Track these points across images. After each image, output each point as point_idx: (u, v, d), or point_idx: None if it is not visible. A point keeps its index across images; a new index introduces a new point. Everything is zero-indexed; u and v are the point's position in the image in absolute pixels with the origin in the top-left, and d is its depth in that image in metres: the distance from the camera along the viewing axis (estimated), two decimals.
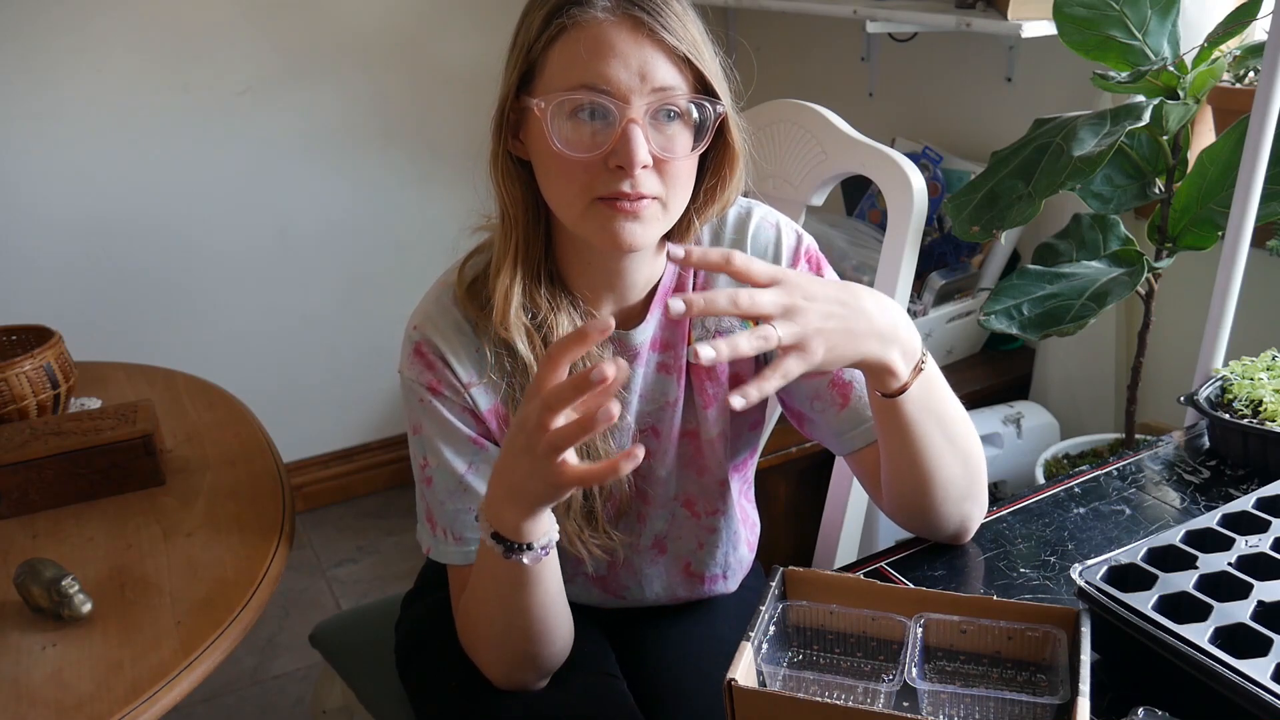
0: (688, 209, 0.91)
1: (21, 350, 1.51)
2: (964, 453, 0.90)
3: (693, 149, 0.85)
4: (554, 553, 0.84)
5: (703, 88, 0.85)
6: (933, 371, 0.85)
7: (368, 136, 2.45)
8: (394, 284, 2.56)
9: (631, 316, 0.97)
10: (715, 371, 0.99)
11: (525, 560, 0.80)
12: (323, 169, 2.43)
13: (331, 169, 2.44)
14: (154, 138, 2.23)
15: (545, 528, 0.81)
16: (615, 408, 0.68)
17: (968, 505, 0.94)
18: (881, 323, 0.79)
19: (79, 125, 2.16)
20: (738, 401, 0.72)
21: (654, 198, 0.84)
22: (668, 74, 0.82)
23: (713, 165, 0.91)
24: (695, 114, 0.84)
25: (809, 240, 1.01)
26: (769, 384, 0.73)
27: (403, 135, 2.49)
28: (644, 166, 0.82)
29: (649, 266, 0.95)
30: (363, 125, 2.44)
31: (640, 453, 0.69)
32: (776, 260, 0.98)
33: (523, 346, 0.89)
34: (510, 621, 0.87)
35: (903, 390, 0.83)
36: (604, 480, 0.72)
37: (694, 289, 0.98)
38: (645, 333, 0.96)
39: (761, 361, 1.01)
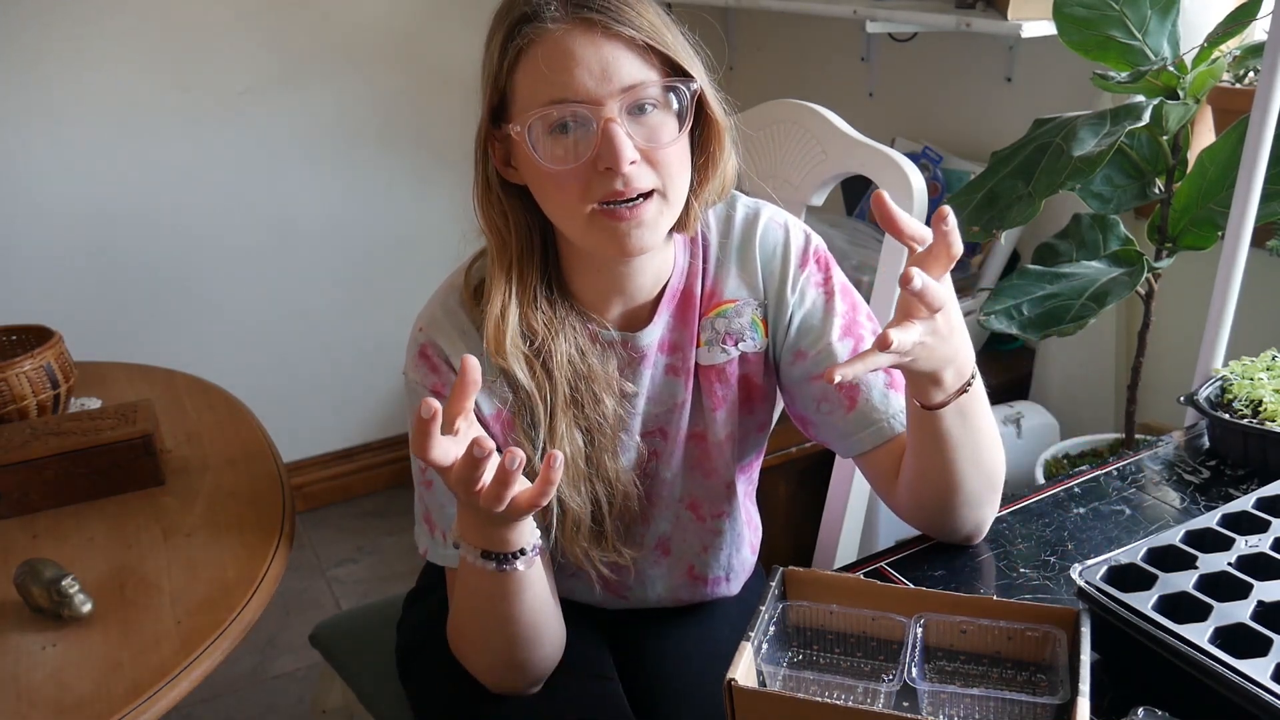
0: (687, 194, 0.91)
1: (21, 350, 1.51)
2: (988, 470, 0.91)
3: (678, 133, 0.85)
4: (539, 559, 0.85)
5: (673, 69, 0.84)
6: (977, 391, 0.85)
7: (367, 136, 2.45)
8: (394, 284, 2.56)
9: (639, 319, 0.96)
10: (725, 373, 0.99)
11: (520, 566, 0.81)
12: (322, 169, 2.43)
13: (331, 169, 2.44)
14: (154, 138, 2.23)
15: (529, 530, 0.82)
16: (519, 455, 0.70)
17: (985, 511, 0.95)
18: (956, 344, 0.79)
19: (79, 125, 2.16)
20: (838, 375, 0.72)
21: (652, 191, 0.84)
22: (633, 67, 0.81)
23: (699, 142, 0.90)
24: (673, 100, 0.84)
25: (817, 240, 1.00)
26: (858, 367, 0.73)
27: (402, 135, 2.49)
28: (632, 162, 0.81)
29: (655, 267, 0.94)
30: (362, 125, 2.44)
31: (557, 465, 0.72)
32: (785, 262, 0.98)
33: (522, 374, 0.89)
34: (500, 630, 0.87)
35: (942, 405, 0.83)
36: (545, 494, 0.73)
37: (702, 288, 0.98)
38: (653, 335, 0.96)
39: (771, 362, 1.01)
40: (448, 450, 0.71)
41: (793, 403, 1.01)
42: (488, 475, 0.71)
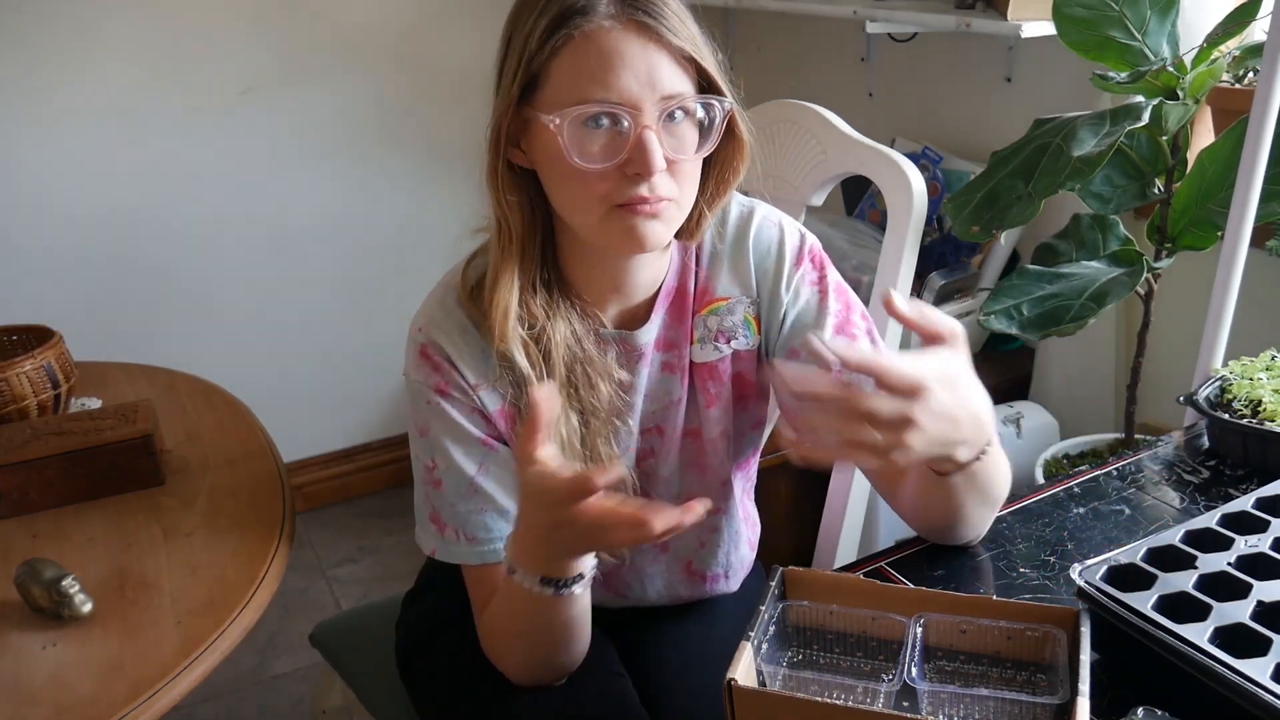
0: (697, 201, 0.91)
1: (21, 350, 1.51)
2: (993, 503, 0.92)
3: (702, 148, 0.86)
4: None
5: (707, 84, 0.85)
6: (992, 456, 0.83)
7: (368, 137, 2.45)
8: (394, 284, 2.56)
9: (636, 317, 0.96)
10: (718, 371, 0.99)
11: (577, 590, 0.82)
12: (323, 169, 2.43)
13: (331, 169, 2.44)
14: (155, 138, 2.23)
15: (590, 555, 0.82)
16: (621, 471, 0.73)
17: (986, 525, 0.97)
18: (971, 429, 0.76)
19: (79, 126, 2.16)
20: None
21: (670, 199, 0.85)
22: (674, 76, 0.82)
23: (723, 157, 0.91)
24: (702, 113, 0.85)
25: (812, 240, 1.01)
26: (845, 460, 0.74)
27: (402, 135, 2.49)
28: (660, 171, 0.82)
29: (653, 266, 0.95)
30: (363, 125, 2.44)
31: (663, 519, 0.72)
32: (779, 261, 0.98)
33: (520, 359, 0.89)
34: (544, 642, 0.88)
35: (952, 473, 0.83)
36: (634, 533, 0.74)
37: (695, 286, 0.98)
38: (649, 333, 0.96)
39: (764, 359, 1.01)
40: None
41: (788, 402, 1.01)
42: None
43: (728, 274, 0.98)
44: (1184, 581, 0.78)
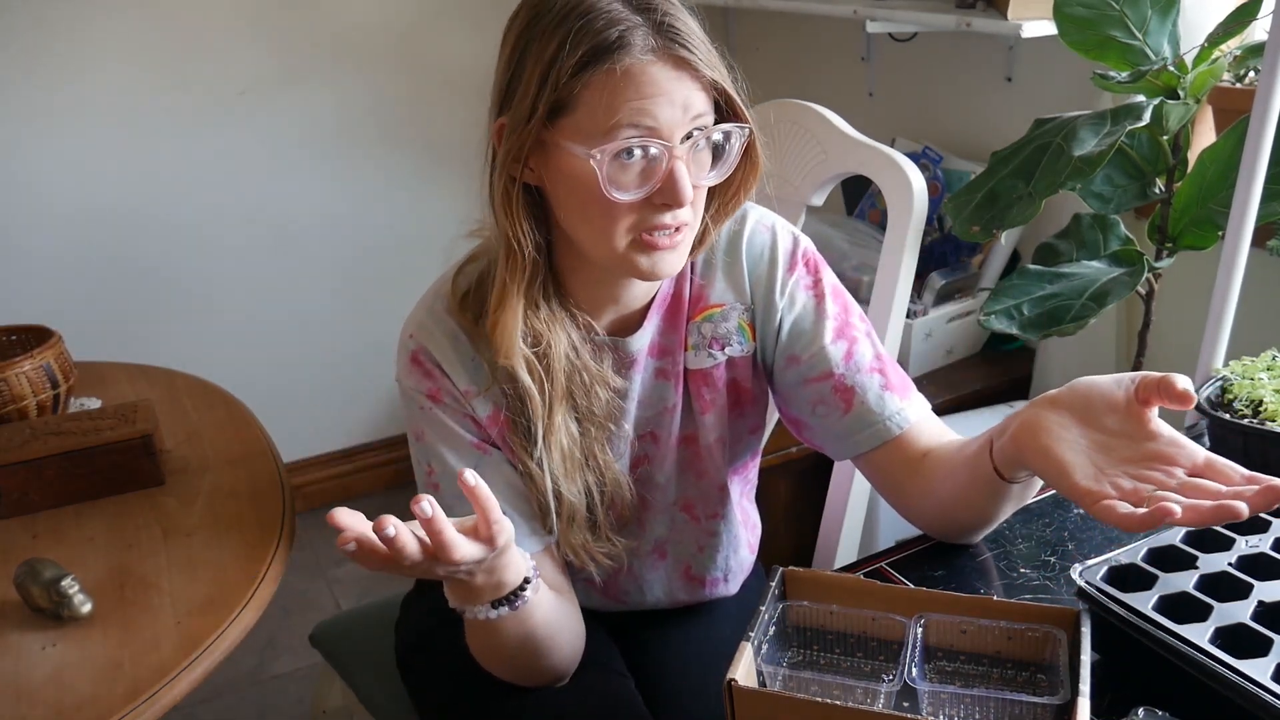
0: (703, 219, 0.91)
1: (21, 350, 1.51)
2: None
3: (719, 171, 0.86)
4: (541, 579, 0.86)
5: (731, 111, 0.85)
6: None
7: (366, 137, 2.45)
8: (393, 283, 2.55)
9: (629, 324, 0.96)
10: (712, 377, 0.99)
11: (529, 594, 0.82)
12: (322, 169, 2.43)
13: (330, 169, 2.44)
14: (154, 139, 2.23)
15: (522, 560, 0.82)
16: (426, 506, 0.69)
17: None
18: None
19: (79, 126, 2.16)
20: None
21: (686, 224, 0.85)
22: (702, 104, 0.83)
23: (737, 179, 0.90)
24: (719, 137, 0.85)
25: (806, 243, 1.00)
26: None
27: (401, 135, 2.49)
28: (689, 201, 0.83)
29: None
30: (361, 126, 2.44)
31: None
32: (772, 266, 0.98)
33: (524, 375, 0.89)
34: (524, 652, 0.88)
35: (1021, 480, 0.86)
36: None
37: (690, 296, 0.98)
38: (642, 340, 0.96)
39: (760, 368, 1.01)
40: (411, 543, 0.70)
41: (787, 406, 1.00)
42: (409, 544, 0.69)
43: (722, 280, 0.98)
44: (1185, 582, 0.78)
